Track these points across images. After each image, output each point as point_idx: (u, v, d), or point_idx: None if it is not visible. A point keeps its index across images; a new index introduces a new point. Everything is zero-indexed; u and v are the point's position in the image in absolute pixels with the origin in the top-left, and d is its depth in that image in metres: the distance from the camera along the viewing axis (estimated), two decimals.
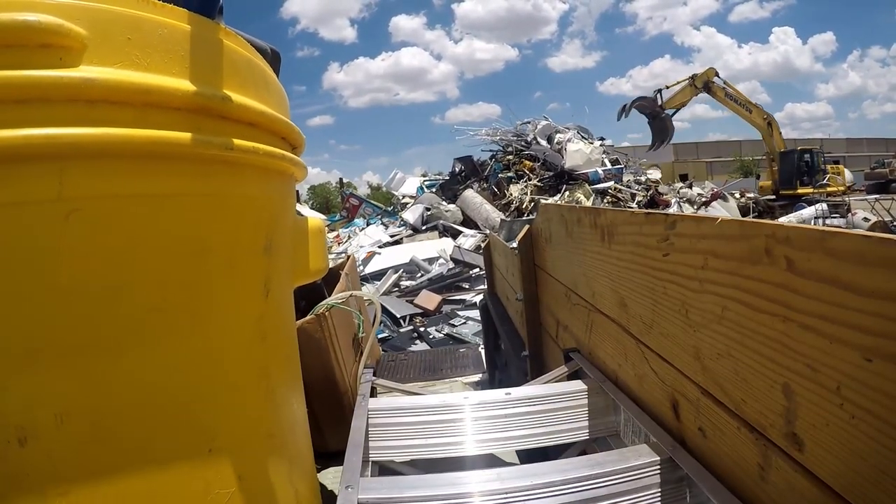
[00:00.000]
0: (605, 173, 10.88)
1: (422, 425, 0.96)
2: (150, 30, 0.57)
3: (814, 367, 0.49)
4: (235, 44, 0.70)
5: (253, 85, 0.71)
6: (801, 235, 0.50)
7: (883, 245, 0.41)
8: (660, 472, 0.72)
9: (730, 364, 0.62)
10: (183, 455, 0.61)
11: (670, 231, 0.75)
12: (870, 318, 0.42)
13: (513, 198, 10.47)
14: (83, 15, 0.52)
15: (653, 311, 0.82)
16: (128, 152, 0.55)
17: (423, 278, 6.29)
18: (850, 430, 0.45)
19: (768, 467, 0.57)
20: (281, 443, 0.79)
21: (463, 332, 4.27)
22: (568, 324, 1.35)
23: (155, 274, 0.59)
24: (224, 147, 0.62)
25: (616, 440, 0.97)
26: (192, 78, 0.59)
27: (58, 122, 0.50)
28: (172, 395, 0.61)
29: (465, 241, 8.10)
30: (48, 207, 0.51)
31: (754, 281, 0.57)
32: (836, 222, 9.09)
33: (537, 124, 12.71)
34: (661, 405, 0.83)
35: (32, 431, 0.51)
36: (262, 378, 0.75)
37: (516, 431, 0.96)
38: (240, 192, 0.69)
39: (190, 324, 0.63)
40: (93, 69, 0.52)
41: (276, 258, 0.77)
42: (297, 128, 0.82)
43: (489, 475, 0.73)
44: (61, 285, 0.53)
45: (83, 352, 0.54)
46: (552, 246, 1.47)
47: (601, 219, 1.03)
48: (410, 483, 0.74)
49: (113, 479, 0.56)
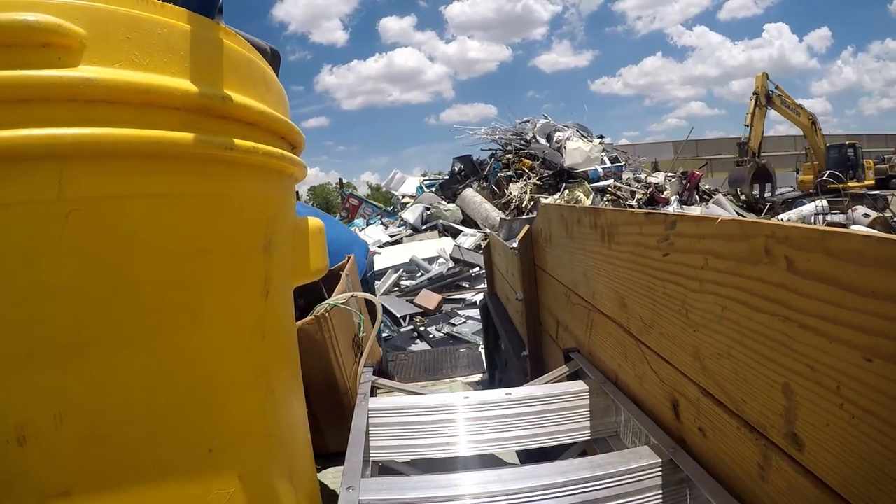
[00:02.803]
0: (605, 171, 10.88)
1: (422, 425, 0.96)
2: (150, 29, 0.57)
3: (814, 367, 0.49)
4: (235, 43, 0.70)
5: (253, 84, 0.71)
6: (800, 235, 0.50)
7: (883, 245, 0.41)
8: (660, 474, 0.72)
9: (730, 364, 0.62)
10: (182, 455, 0.61)
11: (670, 231, 0.75)
12: (870, 318, 0.42)
13: (512, 196, 10.47)
14: (82, 14, 0.52)
15: (653, 311, 0.82)
16: (127, 152, 0.55)
17: (423, 278, 6.30)
18: (850, 430, 0.45)
19: (768, 467, 0.57)
20: (281, 442, 0.79)
21: (463, 332, 4.27)
22: (568, 324, 1.35)
23: (154, 273, 0.59)
24: (224, 147, 0.62)
25: (616, 441, 0.97)
26: (191, 77, 0.59)
27: (57, 122, 0.50)
28: (172, 394, 0.61)
29: (465, 240, 8.10)
30: (47, 207, 0.51)
31: (754, 281, 0.57)
32: (836, 219, 9.09)
33: (536, 123, 12.72)
34: (661, 405, 0.83)
35: (31, 431, 0.51)
36: (262, 378, 0.75)
37: (516, 432, 0.96)
38: (239, 192, 0.69)
39: (189, 323, 0.63)
40: (92, 69, 0.52)
41: (275, 258, 0.77)
42: (296, 127, 0.82)
43: (489, 476, 0.73)
44: (60, 285, 0.53)
45: (82, 351, 0.54)
46: (552, 246, 1.47)
47: (601, 219, 1.03)
48: (411, 484, 0.74)
49: (112, 478, 0.56)
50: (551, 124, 12.50)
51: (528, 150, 11.82)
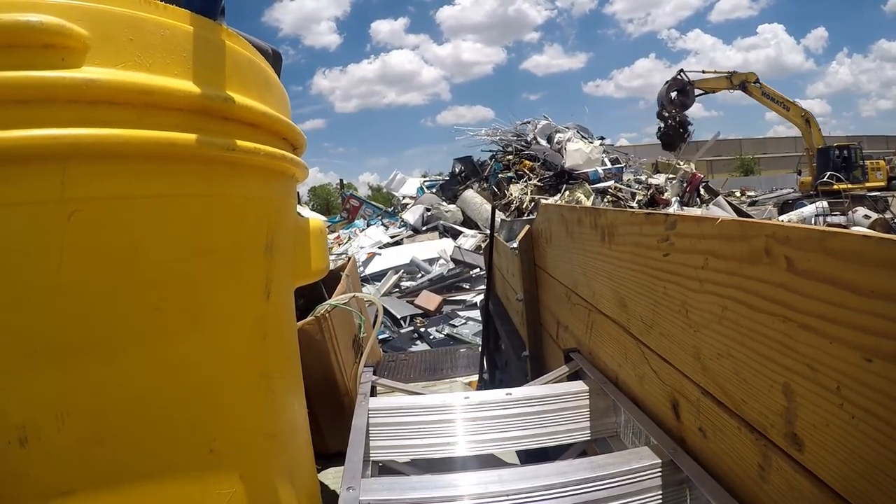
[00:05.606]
0: (605, 172, 10.87)
1: (422, 425, 0.96)
2: (152, 30, 0.57)
3: (814, 367, 0.49)
4: (237, 44, 0.70)
5: (254, 85, 0.71)
6: (800, 235, 0.50)
7: (883, 245, 0.41)
8: (661, 474, 0.72)
9: (730, 364, 0.62)
10: (183, 455, 0.61)
11: (670, 231, 0.75)
12: (870, 318, 0.42)
13: (513, 198, 10.46)
14: (85, 16, 0.52)
15: (653, 311, 0.82)
16: (129, 153, 0.55)
17: (424, 279, 6.29)
18: (850, 430, 0.45)
19: (768, 467, 0.57)
20: (281, 443, 0.79)
21: (463, 333, 4.27)
22: (568, 324, 1.35)
23: (156, 274, 0.59)
24: (226, 148, 0.62)
25: (616, 441, 0.97)
26: (193, 79, 0.59)
27: (60, 122, 0.50)
28: (173, 395, 0.61)
29: (466, 241, 8.10)
30: (50, 208, 0.51)
31: (754, 281, 0.57)
32: (837, 220, 9.07)
33: (537, 124, 12.71)
34: (661, 405, 0.83)
35: (33, 431, 0.51)
36: (263, 378, 0.75)
37: (517, 432, 0.96)
38: (241, 193, 0.69)
39: (191, 324, 0.63)
40: (95, 70, 0.52)
41: (276, 259, 0.77)
42: (297, 128, 0.82)
43: (490, 477, 0.73)
44: (62, 285, 0.53)
45: (84, 352, 0.54)
46: (552, 246, 1.47)
47: (601, 219, 1.04)
48: (411, 484, 0.74)
49: (113, 479, 0.56)
50: (552, 125, 12.50)
51: (528, 152, 11.82)
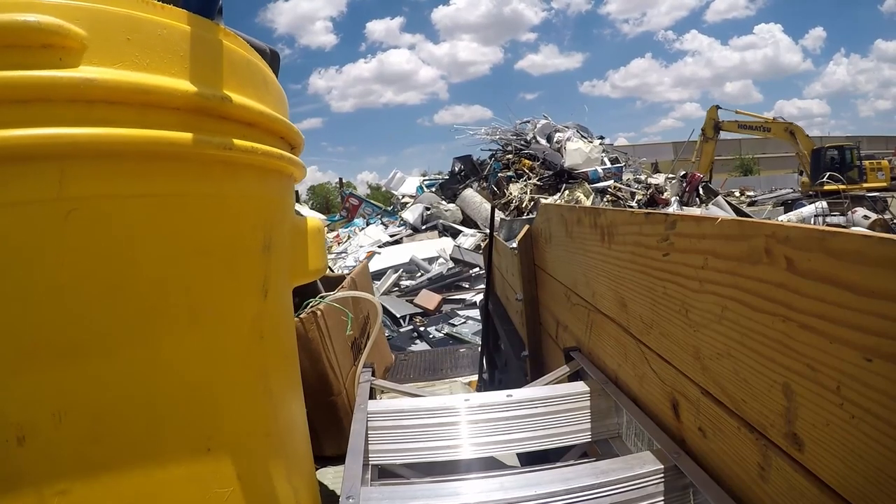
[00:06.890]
0: (605, 172, 10.88)
1: (422, 428, 0.95)
2: (150, 30, 0.57)
3: (814, 367, 0.49)
4: (234, 44, 0.70)
5: (252, 85, 0.71)
6: (800, 235, 0.50)
7: (883, 245, 0.41)
8: (664, 480, 0.71)
9: (730, 364, 0.62)
10: (181, 454, 0.61)
11: (670, 231, 0.75)
12: (870, 318, 0.42)
13: (512, 197, 10.47)
14: (83, 15, 0.52)
15: (653, 311, 0.82)
16: (127, 152, 0.55)
17: (423, 278, 6.30)
18: (850, 430, 0.45)
19: (768, 467, 0.57)
20: (279, 442, 0.79)
21: (463, 332, 4.27)
22: (568, 324, 1.35)
23: (153, 273, 0.59)
24: (223, 147, 0.62)
25: (618, 442, 0.96)
26: (191, 78, 0.59)
27: (57, 122, 0.50)
28: (170, 394, 0.61)
29: (465, 240, 8.11)
30: (48, 207, 0.51)
31: (754, 281, 0.57)
32: (836, 220, 9.08)
33: (537, 123, 12.72)
34: (661, 405, 0.82)
35: (31, 430, 0.51)
36: (260, 377, 0.75)
37: (517, 434, 0.96)
38: (239, 192, 0.69)
39: (188, 323, 0.63)
40: (92, 69, 0.52)
41: (274, 258, 0.77)
42: (295, 128, 0.82)
43: (491, 484, 0.72)
44: (60, 284, 0.53)
45: (81, 351, 0.54)
46: (552, 246, 1.47)
47: (601, 219, 1.03)
48: (412, 492, 0.73)
49: (111, 477, 0.56)
50: (551, 125, 12.51)
51: (528, 151, 11.83)
